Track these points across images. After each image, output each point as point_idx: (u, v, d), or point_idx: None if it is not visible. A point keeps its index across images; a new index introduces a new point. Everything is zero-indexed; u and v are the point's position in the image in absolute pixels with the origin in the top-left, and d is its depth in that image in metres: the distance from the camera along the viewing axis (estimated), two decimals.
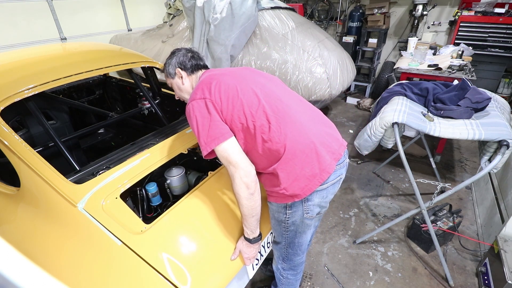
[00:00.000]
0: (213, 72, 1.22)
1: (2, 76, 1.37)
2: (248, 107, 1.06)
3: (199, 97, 1.08)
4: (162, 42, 3.62)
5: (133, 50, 2.03)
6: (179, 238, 1.15)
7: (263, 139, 1.05)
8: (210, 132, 1.04)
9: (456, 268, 1.95)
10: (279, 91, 1.18)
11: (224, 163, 1.06)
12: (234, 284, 1.23)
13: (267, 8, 3.34)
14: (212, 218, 1.24)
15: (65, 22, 3.70)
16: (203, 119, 1.05)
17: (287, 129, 1.06)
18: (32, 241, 1.13)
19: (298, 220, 1.15)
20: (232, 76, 1.15)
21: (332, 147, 1.13)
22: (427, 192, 2.63)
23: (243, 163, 1.03)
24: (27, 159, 1.15)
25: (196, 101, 1.07)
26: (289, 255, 1.32)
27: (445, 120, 1.83)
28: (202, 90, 1.09)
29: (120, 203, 1.16)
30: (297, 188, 1.07)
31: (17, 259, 0.28)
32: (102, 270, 1.03)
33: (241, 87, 1.09)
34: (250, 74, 1.21)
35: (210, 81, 1.11)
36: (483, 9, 3.91)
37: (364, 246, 2.13)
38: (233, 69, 1.24)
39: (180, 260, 1.07)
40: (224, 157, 1.04)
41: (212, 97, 1.07)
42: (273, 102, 1.10)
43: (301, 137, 1.06)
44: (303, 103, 1.23)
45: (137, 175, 1.28)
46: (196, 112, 1.06)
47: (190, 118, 1.09)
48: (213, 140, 1.03)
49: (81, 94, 2.62)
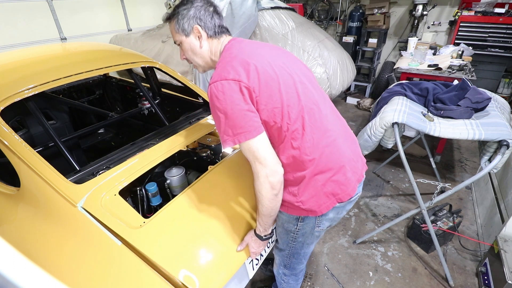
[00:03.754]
0: (246, 46, 1.01)
1: (2, 76, 1.37)
2: (287, 107, 0.93)
3: (233, 77, 0.89)
4: (162, 42, 3.62)
5: (133, 50, 2.03)
6: (179, 231, 1.13)
7: (292, 145, 0.95)
8: (241, 123, 0.89)
9: (456, 268, 1.95)
10: (317, 94, 1.04)
11: (248, 157, 0.94)
12: (234, 284, 1.23)
13: (267, 8, 3.34)
14: (212, 211, 1.23)
15: (65, 22, 3.70)
16: (235, 106, 0.88)
17: (321, 144, 0.96)
18: (32, 241, 1.13)
19: (308, 232, 1.11)
20: (272, 61, 0.97)
21: (357, 168, 1.07)
22: (427, 192, 2.63)
23: (271, 161, 0.92)
24: (27, 159, 1.15)
25: (228, 82, 0.89)
26: (292, 263, 1.28)
27: (445, 120, 1.83)
28: (235, 69, 0.90)
29: (119, 199, 1.16)
30: (315, 204, 1.01)
31: (17, 259, 0.28)
32: (102, 270, 1.03)
33: (284, 80, 0.95)
34: (290, 62, 1.03)
35: (246, 60, 0.92)
36: (483, 9, 3.91)
37: (364, 246, 2.13)
38: (270, 50, 1.04)
39: (180, 253, 1.06)
40: (251, 152, 0.92)
41: (251, 82, 0.90)
42: (311, 107, 0.97)
43: (334, 157, 0.98)
44: (335, 112, 1.11)
45: (136, 172, 1.28)
46: (227, 96, 0.88)
47: (218, 101, 0.89)
48: (243, 133, 0.89)
49: (81, 94, 2.62)
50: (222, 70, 0.92)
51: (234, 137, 0.90)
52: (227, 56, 0.97)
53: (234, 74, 0.90)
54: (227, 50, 1.01)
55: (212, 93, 0.90)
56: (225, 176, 1.40)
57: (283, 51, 1.09)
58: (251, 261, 1.30)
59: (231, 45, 1.03)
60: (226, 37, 1.08)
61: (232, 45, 1.02)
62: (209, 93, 0.92)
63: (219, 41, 1.06)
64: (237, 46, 1.01)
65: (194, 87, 1.95)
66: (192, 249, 1.09)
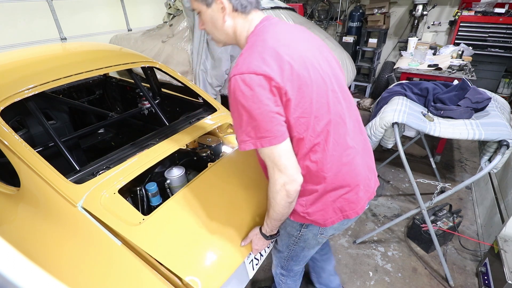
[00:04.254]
0: (280, 34, 0.86)
1: (2, 76, 1.37)
2: (315, 118, 0.84)
3: (264, 72, 0.76)
4: (162, 42, 3.62)
5: (133, 50, 2.03)
6: (178, 228, 1.13)
7: (310, 158, 0.88)
8: (267, 126, 0.79)
9: (456, 268, 1.95)
10: (345, 103, 0.94)
11: (267, 162, 0.86)
12: (235, 284, 1.23)
13: (267, 8, 3.34)
14: (211, 208, 1.22)
15: (65, 22, 3.70)
16: (263, 107, 0.77)
17: (340, 162, 0.91)
18: (32, 241, 1.13)
19: (310, 238, 1.09)
20: (307, 60, 0.84)
21: (370, 187, 1.04)
22: (427, 192, 2.63)
23: (291, 169, 0.85)
24: (27, 159, 1.15)
25: (258, 77, 0.76)
26: (290, 265, 1.27)
27: (445, 120, 1.83)
28: (268, 63, 0.78)
29: (118, 198, 1.16)
30: (321, 217, 0.98)
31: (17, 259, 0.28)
32: (102, 270, 1.03)
33: (317, 87, 0.84)
34: (324, 61, 0.91)
35: (281, 54, 0.80)
36: (483, 9, 3.91)
37: (364, 246, 2.13)
38: (306, 42, 0.91)
39: (180, 250, 1.05)
40: (272, 159, 0.84)
41: (283, 83, 0.78)
42: (337, 120, 0.89)
43: (350, 175, 0.94)
44: (358, 122, 1.02)
45: (135, 171, 1.28)
46: (255, 93, 0.76)
47: (243, 96, 0.77)
48: (267, 138, 0.80)
49: (81, 94, 2.62)
50: (252, 60, 0.78)
51: (257, 140, 0.81)
52: (258, 42, 0.83)
53: (266, 68, 0.77)
54: (258, 33, 0.87)
55: (237, 86, 0.77)
56: (225, 173, 1.40)
57: (317, 43, 0.96)
58: (251, 261, 1.30)
59: (264, 28, 0.87)
60: (257, 14, 0.91)
61: (264, 28, 0.87)
62: (232, 84, 0.79)
63: (247, 18, 0.89)
64: (270, 32, 0.86)
65: (194, 87, 1.95)
66: (192, 246, 1.09)
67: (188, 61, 3.39)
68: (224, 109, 1.94)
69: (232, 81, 0.79)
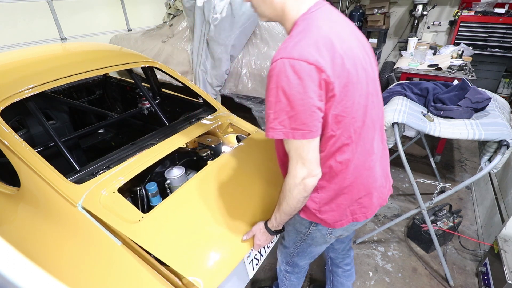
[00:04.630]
0: (335, 23, 0.82)
1: (2, 76, 1.37)
2: (352, 119, 0.81)
3: (316, 62, 0.71)
4: (162, 42, 3.62)
5: (133, 50, 2.03)
6: (178, 224, 1.13)
7: (336, 158, 0.87)
8: (306, 119, 0.75)
9: (456, 268, 1.95)
10: (377, 107, 0.91)
11: (291, 154, 0.83)
12: (235, 284, 1.23)
13: None
14: (211, 205, 1.22)
15: (65, 22, 3.70)
16: (307, 99, 0.72)
17: (363, 167, 0.90)
18: (32, 241, 1.13)
19: (319, 236, 1.08)
20: (357, 58, 0.81)
21: (383, 194, 1.04)
22: (427, 192, 2.63)
23: (314, 164, 0.83)
24: (27, 159, 1.15)
25: (309, 66, 0.71)
26: (295, 260, 1.26)
27: (445, 120, 1.83)
28: (321, 53, 0.72)
29: (118, 196, 1.16)
30: (331, 218, 0.97)
31: (17, 259, 0.28)
32: (102, 270, 1.03)
33: (360, 88, 0.81)
34: (367, 61, 0.87)
35: (335, 46, 0.75)
36: (483, 9, 3.91)
37: (364, 246, 2.13)
38: (357, 39, 0.86)
39: (180, 246, 1.04)
40: (298, 152, 0.81)
41: (333, 77, 0.73)
42: (369, 125, 0.88)
43: (368, 181, 0.94)
44: (381, 128, 0.99)
45: (135, 169, 1.28)
46: (303, 82, 0.71)
47: (288, 82, 0.71)
48: (301, 131, 0.76)
49: (81, 94, 2.63)
50: (305, 46, 0.72)
51: (289, 131, 0.76)
52: (312, 27, 0.77)
53: (319, 58, 0.72)
54: (312, 17, 0.79)
55: (283, 70, 0.71)
56: (224, 171, 1.39)
57: (364, 40, 0.92)
58: (251, 261, 1.30)
59: (319, 13, 0.81)
60: None
61: (319, 14, 0.81)
62: (277, 67, 0.72)
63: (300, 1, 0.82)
64: (325, 18, 0.80)
65: (194, 87, 1.95)
66: (192, 243, 1.08)
67: (188, 61, 3.39)
68: (224, 109, 1.94)
69: (279, 63, 0.72)
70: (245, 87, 3.16)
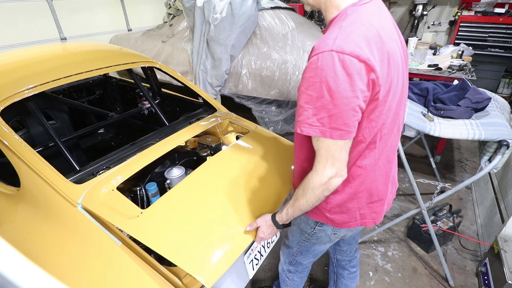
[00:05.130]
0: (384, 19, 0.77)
1: (2, 76, 1.37)
2: (382, 126, 0.78)
3: (367, 59, 0.66)
4: (162, 42, 3.62)
5: (133, 50, 2.03)
6: (177, 219, 1.11)
7: (357, 162, 0.85)
8: (347, 120, 0.70)
9: (456, 268, 1.95)
10: (402, 115, 0.89)
11: (321, 152, 0.78)
12: (235, 283, 1.23)
13: (267, 8, 3.34)
14: (210, 200, 1.20)
15: (65, 22, 3.70)
16: (352, 99, 0.67)
17: (380, 173, 0.89)
18: (32, 241, 1.13)
19: (323, 236, 1.07)
20: (400, 61, 0.78)
21: (390, 200, 1.04)
22: (427, 192, 2.63)
23: (344, 164, 0.80)
24: (27, 159, 1.15)
25: (360, 63, 0.66)
26: (298, 259, 1.25)
27: (445, 120, 1.83)
28: (372, 50, 0.68)
29: (117, 194, 1.16)
30: (340, 219, 0.96)
31: (17, 259, 0.28)
32: (102, 270, 1.03)
33: (396, 92, 0.78)
34: (405, 65, 0.84)
35: (385, 45, 0.71)
36: (483, 9, 3.91)
37: (364, 246, 2.13)
38: (399, 39, 0.82)
39: (179, 240, 1.03)
40: (331, 151, 0.76)
41: (381, 79, 0.69)
42: (395, 133, 0.86)
43: (382, 188, 0.93)
44: (399, 135, 0.96)
45: (134, 167, 1.28)
46: (351, 79, 0.66)
47: (334, 77, 0.66)
48: (339, 131, 0.71)
49: (81, 94, 2.63)
50: (357, 40, 0.67)
51: (328, 130, 0.71)
52: (364, 20, 0.71)
53: (371, 56, 0.66)
54: (364, 10, 0.73)
55: (331, 65, 0.65)
56: (223, 166, 1.38)
57: (404, 42, 0.87)
58: (251, 261, 1.30)
59: (371, 6, 0.75)
60: None
61: (372, 6, 0.75)
62: (324, 60, 0.66)
63: None
64: (376, 14, 0.75)
65: (194, 87, 1.96)
66: (192, 237, 1.06)
67: (188, 61, 3.39)
68: (224, 109, 1.94)
69: (327, 56, 0.65)
70: (245, 87, 3.16)
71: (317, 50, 0.68)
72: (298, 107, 0.76)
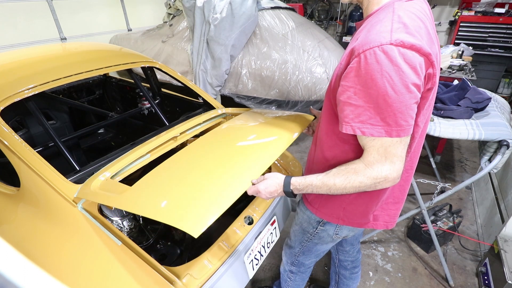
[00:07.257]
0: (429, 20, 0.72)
1: (2, 76, 1.37)
2: (416, 128, 0.75)
3: (427, 52, 0.62)
4: (162, 42, 3.62)
5: (133, 50, 2.03)
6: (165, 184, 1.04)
7: None
8: (407, 117, 0.65)
9: (456, 268, 1.95)
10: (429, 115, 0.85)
11: (380, 151, 0.71)
12: (234, 283, 1.23)
13: (267, 8, 3.34)
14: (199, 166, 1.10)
15: (65, 22, 3.71)
16: (411, 93, 0.63)
17: (404, 175, 0.87)
18: (32, 241, 1.13)
19: (326, 236, 1.07)
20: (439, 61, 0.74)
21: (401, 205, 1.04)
22: (427, 192, 2.63)
23: (401, 165, 0.72)
24: (27, 159, 1.15)
25: (421, 57, 0.62)
26: (300, 259, 1.25)
27: (445, 120, 1.83)
28: (431, 41, 0.65)
29: (112, 181, 1.15)
30: (354, 218, 0.95)
31: (17, 259, 0.28)
32: (102, 270, 1.03)
33: (432, 95, 0.74)
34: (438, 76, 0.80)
35: (433, 41, 0.68)
36: (483, 9, 3.91)
37: (364, 246, 2.13)
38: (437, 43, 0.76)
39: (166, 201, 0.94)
40: (389, 150, 0.70)
41: (434, 75, 0.66)
42: (422, 137, 0.84)
43: (400, 190, 0.92)
44: None
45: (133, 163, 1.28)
46: (412, 73, 0.61)
47: (399, 74, 0.61)
48: (404, 129, 0.66)
49: (81, 94, 2.63)
50: (414, 31, 0.62)
51: (394, 130, 0.66)
52: (414, 15, 0.67)
53: (429, 49, 0.62)
54: (413, 5, 0.70)
55: (392, 57, 0.60)
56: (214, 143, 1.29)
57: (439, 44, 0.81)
58: (251, 261, 1.30)
59: (419, 2, 0.72)
60: None
61: (419, 3, 0.72)
62: (383, 53, 0.61)
63: None
64: (422, 10, 0.71)
65: (194, 87, 1.95)
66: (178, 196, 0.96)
67: (188, 61, 3.39)
68: (223, 109, 1.94)
69: (387, 50, 0.60)
70: (245, 87, 3.16)
71: (370, 43, 0.62)
72: (353, 107, 0.68)
